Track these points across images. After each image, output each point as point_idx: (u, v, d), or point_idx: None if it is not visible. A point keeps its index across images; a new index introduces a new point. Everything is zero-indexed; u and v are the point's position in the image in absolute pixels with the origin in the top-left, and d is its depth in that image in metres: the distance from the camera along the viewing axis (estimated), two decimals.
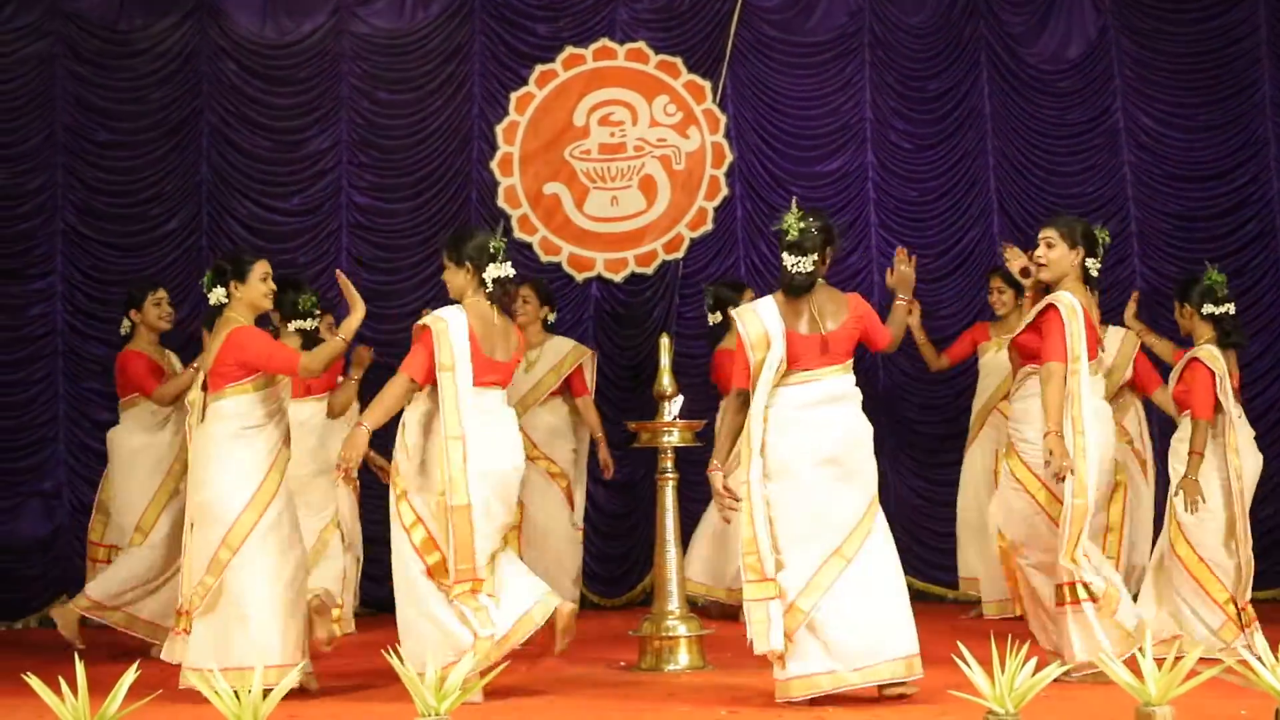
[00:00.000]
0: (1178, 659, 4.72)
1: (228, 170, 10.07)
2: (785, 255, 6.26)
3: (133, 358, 8.15)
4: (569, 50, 10.31)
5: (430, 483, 6.35)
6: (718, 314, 8.97)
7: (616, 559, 10.16)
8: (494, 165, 10.25)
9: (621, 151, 10.31)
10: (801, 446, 6.10)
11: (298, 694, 6.38)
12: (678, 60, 10.31)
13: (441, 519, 6.29)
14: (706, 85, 10.30)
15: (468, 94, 10.27)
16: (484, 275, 6.50)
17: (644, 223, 10.29)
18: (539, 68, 10.29)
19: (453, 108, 10.26)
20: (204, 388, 6.61)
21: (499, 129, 10.25)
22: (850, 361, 6.28)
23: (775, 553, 6.07)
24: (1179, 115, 10.28)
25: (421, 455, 6.41)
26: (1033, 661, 4.83)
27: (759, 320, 6.22)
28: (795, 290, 6.24)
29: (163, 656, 6.77)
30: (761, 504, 6.08)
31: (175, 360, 8.37)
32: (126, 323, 8.26)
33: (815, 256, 6.23)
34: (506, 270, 6.51)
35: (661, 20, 10.35)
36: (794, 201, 6.48)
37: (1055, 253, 6.64)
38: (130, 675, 4.78)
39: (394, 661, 4.97)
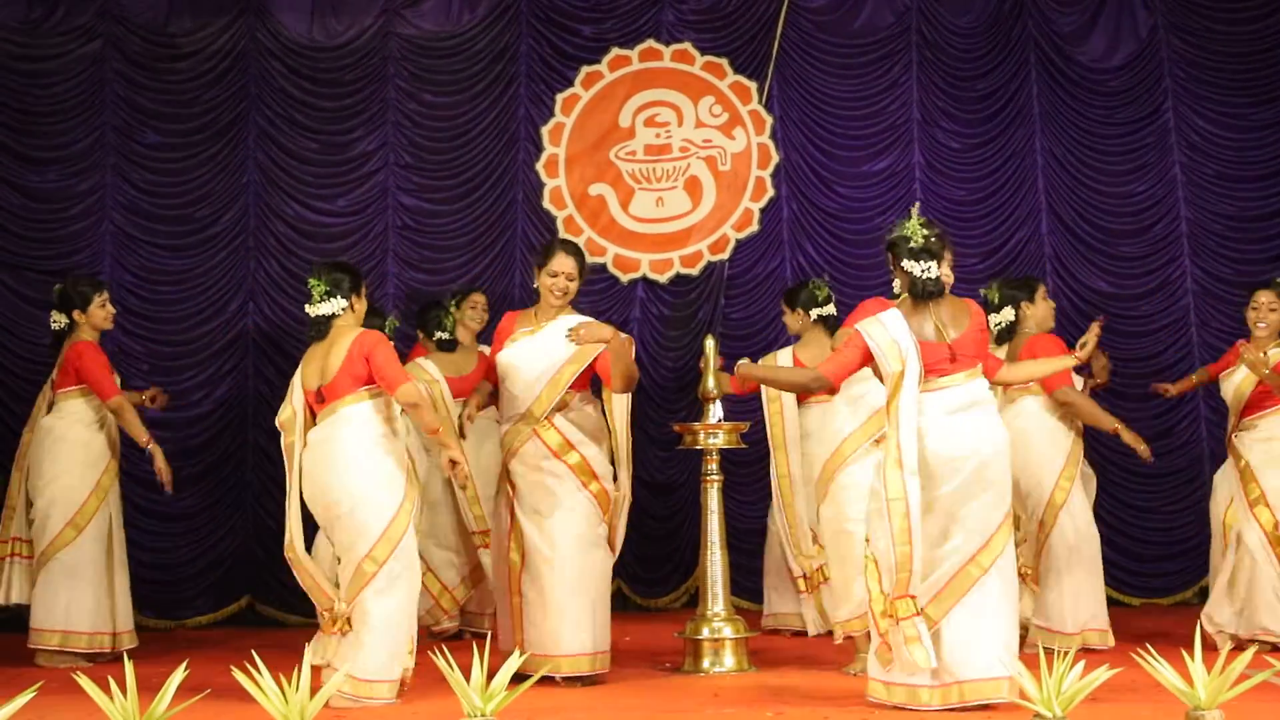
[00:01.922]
0: (1228, 662, 4.69)
1: (275, 172, 10.12)
2: (912, 263, 6.16)
3: (92, 351, 8.05)
4: (615, 52, 10.31)
5: None
6: (1008, 311, 8.08)
7: (660, 560, 10.15)
8: (540, 166, 10.26)
9: (667, 153, 10.30)
10: (939, 453, 6.00)
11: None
12: (724, 61, 10.30)
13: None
14: (752, 86, 10.28)
15: (514, 95, 10.29)
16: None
17: (689, 224, 10.28)
18: (585, 69, 10.30)
19: (499, 109, 10.28)
20: (320, 399, 6.62)
21: (545, 130, 10.27)
22: (980, 366, 6.18)
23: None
24: (1230, 115, 10.20)
25: None
26: (1080, 664, 4.80)
27: (887, 331, 6.12)
28: (926, 295, 6.16)
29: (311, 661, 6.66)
30: (918, 518, 5.92)
31: None
32: (63, 319, 8.15)
33: (939, 261, 6.20)
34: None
35: (707, 21, 10.34)
36: (916, 207, 6.42)
37: None
38: (179, 675, 4.81)
39: (440, 662, 4.98)
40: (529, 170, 10.26)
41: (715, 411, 7.47)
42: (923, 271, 6.14)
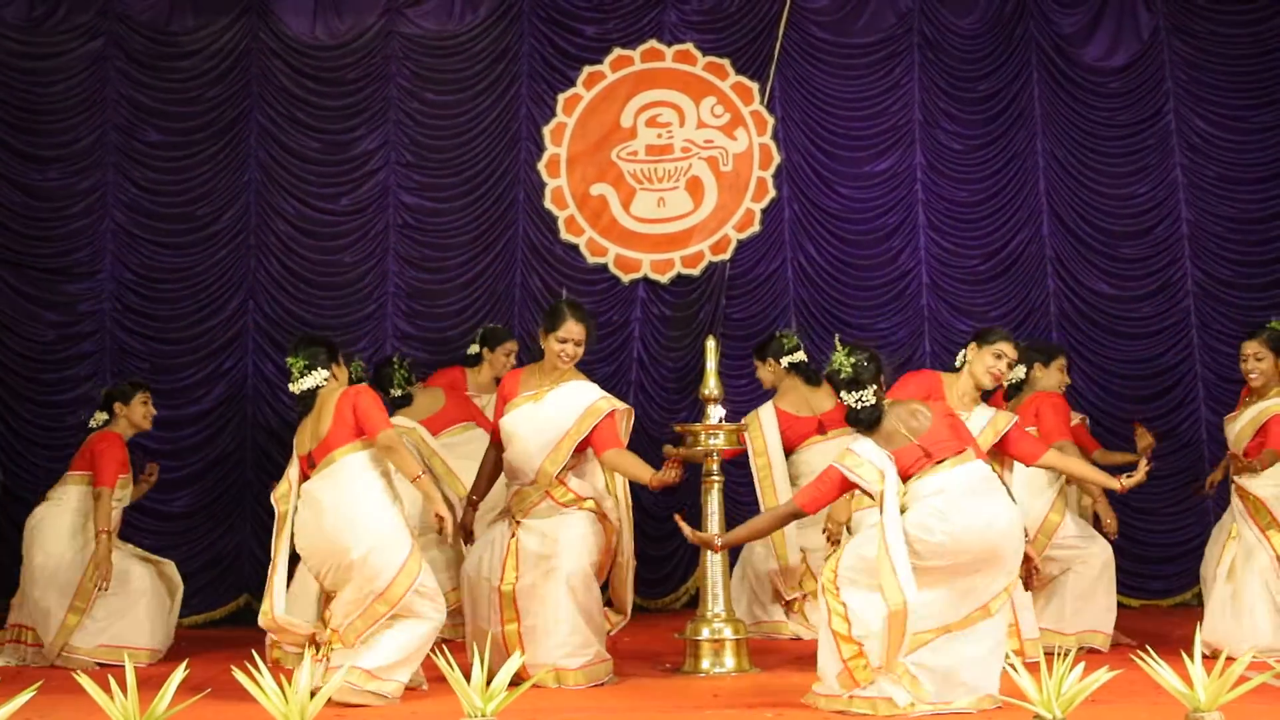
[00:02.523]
0: (1227, 664, 4.69)
1: (276, 170, 10.12)
2: (844, 394, 6.25)
3: (116, 444, 8.20)
4: (617, 52, 10.31)
5: None
6: (1020, 370, 8.01)
7: (660, 561, 10.15)
8: (541, 166, 10.26)
9: (669, 153, 10.30)
10: (943, 536, 6.00)
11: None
12: (725, 62, 10.30)
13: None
14: (754, 87, 10.28)
15: (515, 95, 10.29)
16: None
17: (691, 224, 10.28)
18: (587, 69, 10.30)
19: (500, 109, 10.28)
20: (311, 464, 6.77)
21: (546, 130, 10.27)
22: (969, 451, 6.18)
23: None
24: (1231, 117, 10.20)
25: None
26: (1080, 666, 4.81)
27: (861, 459, 6.14)
28: (870, 425, 6.21)
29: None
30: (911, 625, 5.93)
31: None
32: (104, 415, 8.33)
33: (875, 387, 6.26)
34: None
35: (709, 22, 10.34)
36: (837, 339, 6.50)
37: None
38: (179, 674, 4.82)
39: (440, 662, 4.98)
40: (530, 170, 10.26)
41: (716, 412, 7.47)
42: (856, 401, 6.21)
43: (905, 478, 6.11)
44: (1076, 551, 7.94)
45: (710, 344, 7.63)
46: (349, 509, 6.55)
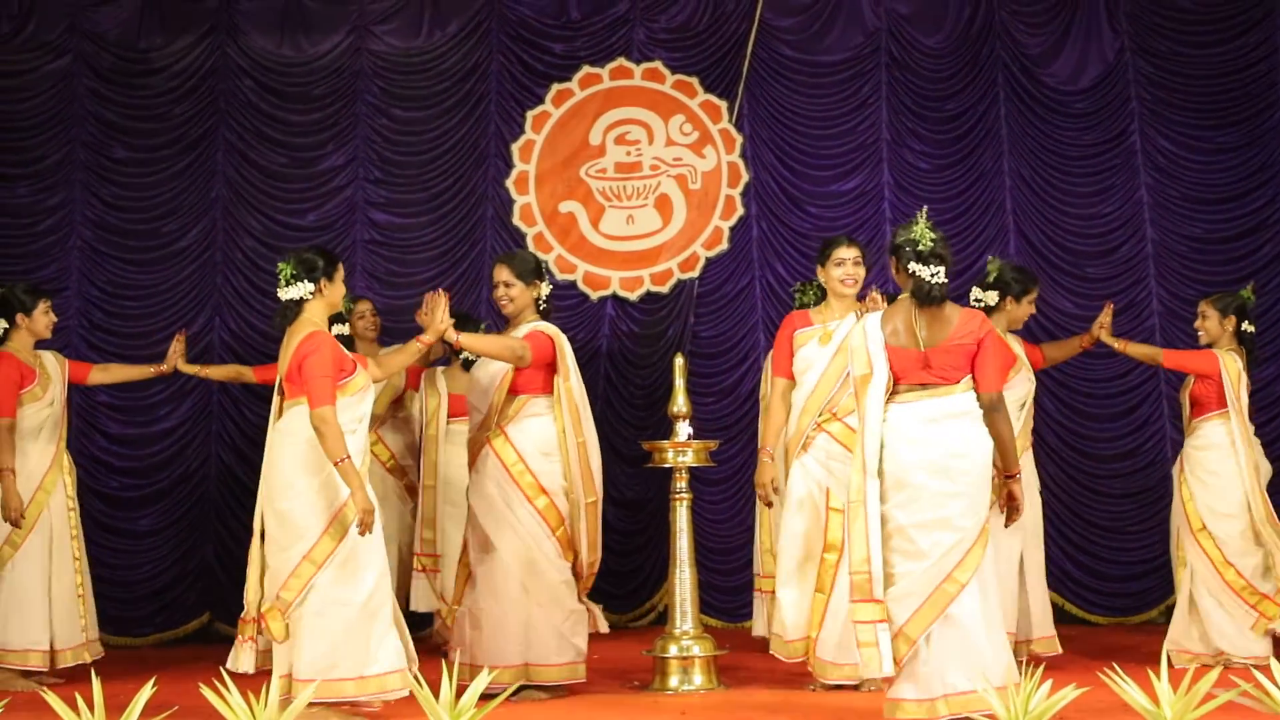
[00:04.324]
0: (1194, 681, 4.71)
1: (244, 186, 10.10)
2: (920, 266, 6.03)
3: (8, 364, 7.87)
4: (585, 69, 10.33)
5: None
6: (992, 295, 7.97)
7: (627, 576, 10.14)
8: (510, 183, 10.27)
9: (637, 170, 10.32)
10: (906, 462, 5.90)
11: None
12: (694, 80, 10.32)
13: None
14: (723, 105, 10.31)
15: (484, 112, 10.29)
16: None
17: (659, 241, 10.30)
18: (555, 86, 10.31)
19: (469, 126, 10.28)
20: (280, 392, 6.49)
21: (515, 147, 10.28)
22: (965, 380, 5.98)
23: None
24: (1196, 137, 10.26)
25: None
26: (1048, 684, 4.82)
27: (864, 335, 6.06)
28: (931, 300, 6.01)
29: (228, 666, 6.32)
30: (877, 524, 5.88)
31: (51, 361, 8.16)
32: (1, 323, 7.98)
33: (946, 268, 6.06)
34: None
35: (678, 40, 10.37)
36: (924, 210, 6.32)
37: None
38: (146, 692, 4.79)
39: (408, 679, 4.97)
40: (499, 187, 10.27)
41: (684, 429, 7.48)
42: (931, 275, 6.01)
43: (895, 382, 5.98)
44: None
45: (679, 361, 7.63)
46: (285, 463, 6.33)
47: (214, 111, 10.10)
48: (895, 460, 5.90)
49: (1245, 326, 8.04)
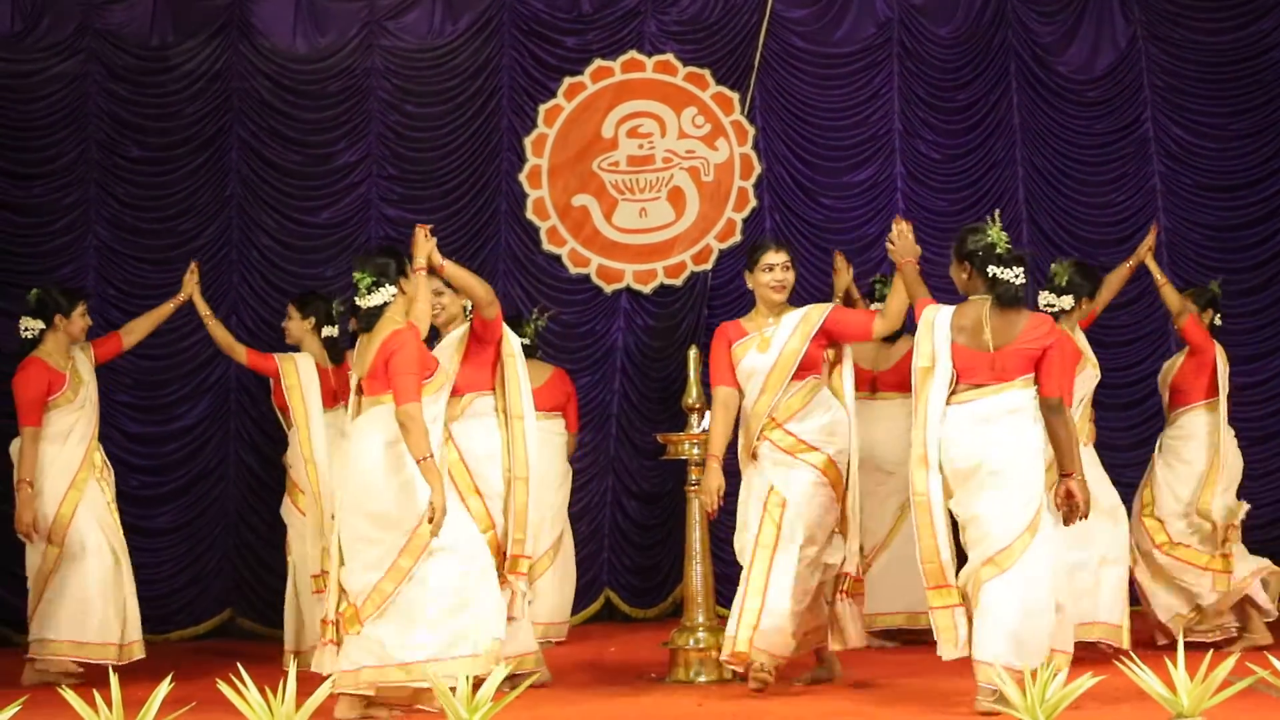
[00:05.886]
0: (1210, 669, 4.72)
1: (258, 184, 10.12)
2: (1001, 269, 6.26)
3: (33, 371, 7.87)
4: (597, 63, 10.33)
5: None
6: (1067, 300, 7.81)
7: (647, 570, 10.16)
8: (523, 177, 10.28)
9: (650, 163, 10.33)
10: (957, 459, 6.25)
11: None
12: (706, 72, 10.32)
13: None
14: (735, 97, 10.31)
15: (496, 107, 10.30)
16: None
17: (672, 234, 10.30)
18: (567, 80, 10.32)
19: (481, 120, 10.29)
20: (359, 391, 6.52)
21: (528, 141, 10.28)
22: (1025, 378, 6.24)
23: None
24: (1209, 125, 10.24)
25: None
26: (1063, 673, 4.83)
27: (931, 328, 6.35)
28: (1015, 302, 6.26)
29: (314, 668, 6.45)
30: (942, 514, 6.23)
31: (83, 360, 8.13)
32: (37, 326, 7.96)
33: (1024, 269, 6.31)
34: None
35: (690, 33, 10.37)
36: (997, 214, 6.52)
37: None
38: (164, 688, 4.81)
39: (428, 673, 4.99)
40: (512, 181, 10.28)
41: (699, 422, 7.48)
42: (1015, 278, 6.24)
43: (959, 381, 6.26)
44: None
45: (693, 354, 7.66)
46: (370, 461, 6.34)
47: (228, 109, 10.12)
48: (948, 457, 6.21)
49: (1217, 320, 8.31)
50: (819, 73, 10.36)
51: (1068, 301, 7.74)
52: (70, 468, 7.88)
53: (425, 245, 6.81)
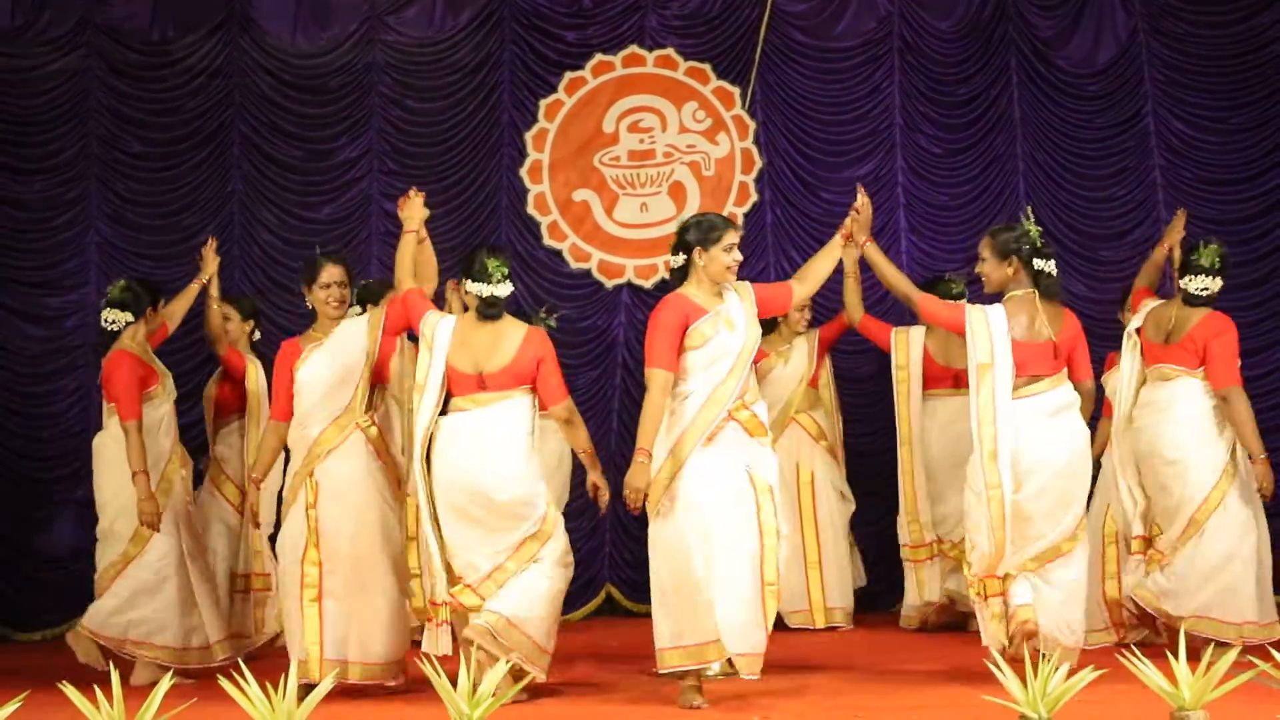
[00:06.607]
0: (1212, 662, 4.71)
1: (259, 180, 10.12)
2: (1042, 261, 6.58)
3: (125, 364, 7.70)
4: (598, 57, 10.33)
5: None
6: (1216, 281, 7.85)
7: (648, 564, 10.13)
8: (523, 172, 10.28)
9: (651, 158, 10.33)
10: (1027, 456, 6.53)
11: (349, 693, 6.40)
12: (707, 67, 10.32)
13: None
14: (735, 91, 10.31)
15: (497, 101, 10.31)
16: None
17: (674, 229, 10.25)
18: (568, 75, 10.32)
19: (482, 115, 10.29)
20: (481, 385, 6.73)
21: (528, 136, 10.29)
22: (1064, 372, 6.63)
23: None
24: (1210, 118, 10.23)
25: None
26: (1065, 667, 4.83)
27: (987, 322, 6.56)
28: (1057, 293, 6.63)
29: (424, 649, 6.62)
30: (1010, 507, 6.44)
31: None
32: (124, 318, 7.82)
33: (1055, 262, 6.66)
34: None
35: (690, 27, 10.37)
36: (1029, 210, 6.85)
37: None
38: (165, 683, 4.82)
39: (427, 669, 4.99)
40: (513, 176, 10.28)
41: None
42: (1054, 270, 6.62)
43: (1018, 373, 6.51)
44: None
45: None
46: (505, 451, 6.63)
47: (229, 105, 10.13)
48: (1019, 450, 6.45)
49: None
50: (820, 67, 10.36)
51: (1218, 284, 7.71)
52: (159, 462, 7.79)
53: (419, 209, 6.84)
